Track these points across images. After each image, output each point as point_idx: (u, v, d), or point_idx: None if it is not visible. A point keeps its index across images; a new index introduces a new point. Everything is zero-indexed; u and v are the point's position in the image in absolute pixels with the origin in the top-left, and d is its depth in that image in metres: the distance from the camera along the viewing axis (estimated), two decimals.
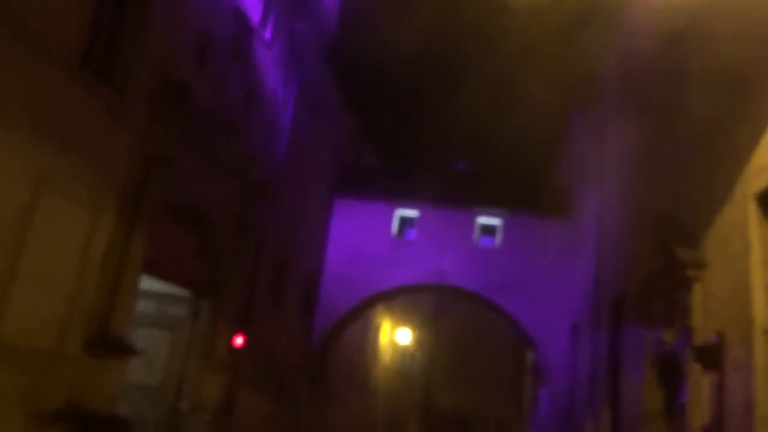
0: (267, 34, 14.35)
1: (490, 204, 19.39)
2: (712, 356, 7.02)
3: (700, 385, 7.63)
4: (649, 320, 9.91)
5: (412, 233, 19.89)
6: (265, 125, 14.40)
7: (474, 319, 35.99)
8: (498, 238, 19.42)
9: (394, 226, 19.92)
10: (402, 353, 30.48)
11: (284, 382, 16.94)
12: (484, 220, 19.59)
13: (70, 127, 8.39)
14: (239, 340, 13.37)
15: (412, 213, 19.97)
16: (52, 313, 8.49)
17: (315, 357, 18.97)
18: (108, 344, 9.19)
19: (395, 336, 28.35)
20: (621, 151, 13.55)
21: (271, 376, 15.95)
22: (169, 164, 10.41)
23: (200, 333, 12.64)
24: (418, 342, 32.03)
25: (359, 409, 24.93)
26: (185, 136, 10.82)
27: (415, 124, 22.53)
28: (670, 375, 9.02)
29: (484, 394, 36.70)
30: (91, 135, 8.84)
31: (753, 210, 6.74)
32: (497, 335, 36.35)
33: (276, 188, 14.84)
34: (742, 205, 7.03)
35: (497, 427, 36.57)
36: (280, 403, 16.66)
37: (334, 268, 19.43)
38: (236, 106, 12.92)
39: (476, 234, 19.45)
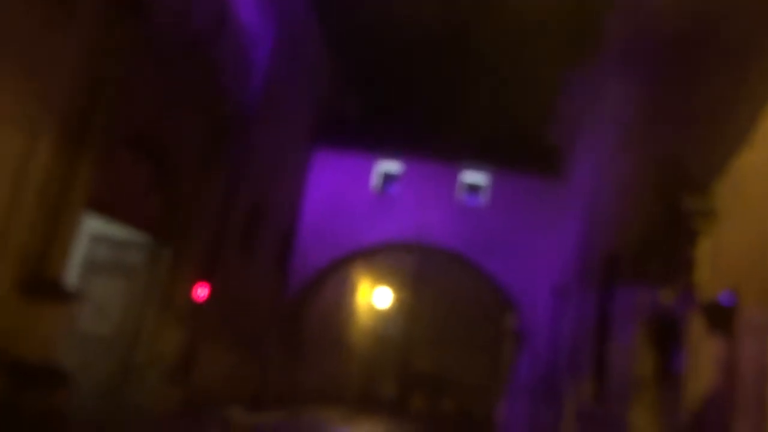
0: None
1: (477, 160, 18.42)
2: (721, 317, 6.18)
3: (701, 350, 6.83)
4: (645, 279, 9.08)
5: (394, 188, 18.92)
6: (238, 58, 13.21)
7: (455, 282, 35.40)
8: (484, 197, 18.51)
9: (375, 180, 18.92)
10: (380, 314, 29.81)
11: (254, 338, 16.09)
12: (470, 177, 18.64)
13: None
14: (202, 291, 12.43)
15: (394, 167, 18.96)
16: None
17: (288, 313, 18.12)
18: (43, 287, 8.20)
19: (373, 296, 27.61)
20: (619, 104, 12.61)
21: (238, 331, 15.07)
22: (121, 88, 9.28)
23: (159, 281, 11.68)
24: (398, 304, 31.36)
25: (333, 369, 24.27)
26: (141, 58, 9.67)
27: (400, 75, 21.29)
28: (666, 339, 8.23)
29: (462, 358, 36.31)
30: (28, 40, 7.71)
31: None
32: (479, 299, 35.81)
33: (248, 127, 13.74)
34: (766, 146, 6.12)
35: (474, 391, 36.26)
36: (247, 359, 15.83)
37: (312, 221, 18.46)
38: (204, 32, 11.73)
39: (461, 191, 18.52)
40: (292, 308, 18.34)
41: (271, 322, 17.11)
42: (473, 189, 18.61)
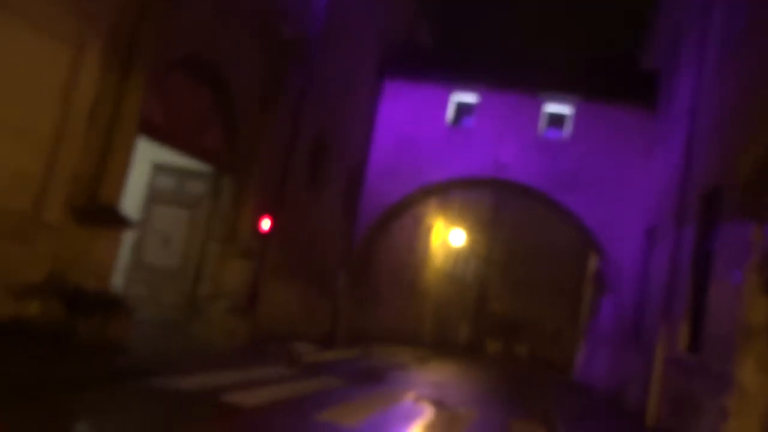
0: None
1: (560, 90, 16.95)
2: None
3: None
4: (758, 214, 7.81)
5: (470, 121, 17.79)
6: None
7: (534, 222, 34.14)
8: (567, 129, 17.11)
9: (450, 112, 17.83)
10: (455, 256, 29.08)
11: (322, 276, 15.73)
12: (552, 107, 17.23)
13: None
14: (266, 224, 11.99)
15: (470, 98, 17.77)
16: (27, 170, 7.15)
17: (359, 251, 17.64)
18: (98, 213, 7.87)
19: (448, 237, 26.84)
20: (729, 15, 10.92)
21: (307, 268, 14.72)
22: (173, 5, 8.64)
23: (221, 213, 11.31)
24: (473, 245, 30.48)
25: (406, 311, 23.91)
26: None
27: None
28: None
29: (540, 302, 35.34)
30: None
31: None
32: (559, 240, 34.51)
33: (311, 53, 12.94)
34: None
35: (553, 336, 35.32)
36: (317, 297, 15.52)
37: (382, 156, 17.69)
38: None
39: (543, 123, 17.17)
40: (363, 246, 17.84)
41: (340, 261, 16.69)
42: (556, 121, 17.22)
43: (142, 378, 7.20)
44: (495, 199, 32.92)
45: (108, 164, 8.01)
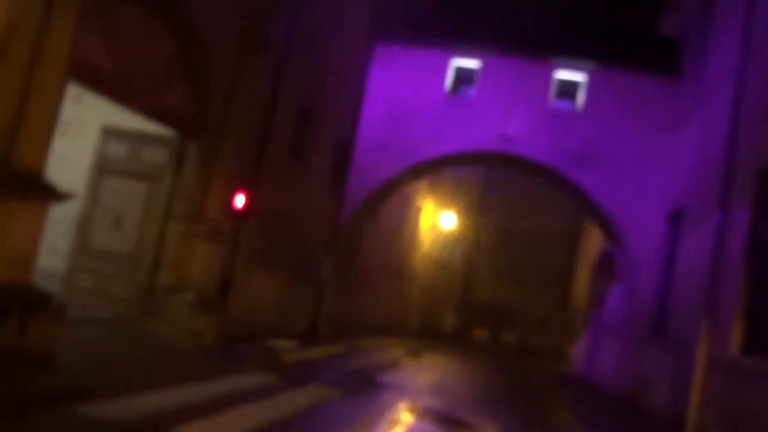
0: None
1: (572, 54, 15.16)
2: None
3: None
4: None
5: (471, 89, 15.94)
6: None
7: (523, 204, 32.67)
8: (580, 99, 15.35)
9: (449, 79, 15.94)
10: (443, 240, 27.36)
11: (303, 262, 13.85)
12: (563, 74, 15.43)
13: None
14: (241, 200, 10.06)
15: (471, 64, 15.90)
16: None
17: (345, 234, 15.77)
18: (11, 181, 5.88)
19: (438, 220, 25.07)
20: None
21: (285, 253, 12.82)
22: None
23: (185, 187, 9.34)
24: (461, 229, 28.78)
25: (392, 300, 22.16)
26: None
27: None
28: None
29: (528, 289, 33.92)
30: None
31: None
32: (548, 224, 33.13)
33: (296, 4, 10.96)
34: None
35: (541, 324, 33.94)
36: (297, 285, 13.65)
37: (372, 129, 15.79)
38: None
39: (553, 92, 15.39)
40: (349, 229, 15.98)
41: (325, 244, 14.81)
42: (568, 89, 15.44)
43: (69, 403, 5.31)
44: (485, 181, 31.30)
45: (27, 116, 6.02)
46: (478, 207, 31.94)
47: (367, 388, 9.58)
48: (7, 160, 5.93)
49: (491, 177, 31.16)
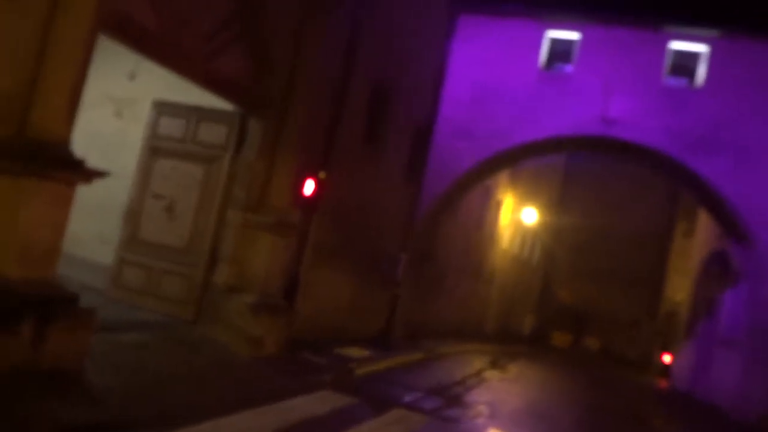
0: None
1: (690, 22, 13.06)
2: None
3: None
4: None
5: (568, 66, 14.06)
6: None
7: (609, 198, 30.38)
8: (700, 74, 13.21)
9: (543, 54, 14.12)
10: (522, 236, 25.41)
11: (377, 259, 12.40)
12: (680, 45, 13.34)
13: None
14: (310, 187, 8.66)
15: (569, 35, 14.02)
16: None
17: (422, 229, 14.21)
18: (27, 153, 4.62)
19: (518, 215, 23.15)
20: None
21: (357, 249, 11.40)
22: None
23: (247, 170, 7.99)
24: (541, 224, 26.73)
25: (470, 300, 20.44)
26: None
27: None
28: None
29: (613, 291, 31.48)
30: None
31: None
32: (636, 221, 30.70)
33: None
34: None
35: (627, 330, 31.41)
36: (368, 286, 12.22)
37: (454, 112, 14.16)
38: None
39: (667, 67, 13.32)
40: (428, 224, 14.40)
41: (401, 240, 13.30)
42: (685, 63, 13.35)
43: None
44: (565, 174, 29.19)
45: (46, 74, 4.76)
46: (559, 201, 29.78)
47: (455, 411, 8.02)
48: (21, 128, 4.68)
49: (572, 169, 29.01)
